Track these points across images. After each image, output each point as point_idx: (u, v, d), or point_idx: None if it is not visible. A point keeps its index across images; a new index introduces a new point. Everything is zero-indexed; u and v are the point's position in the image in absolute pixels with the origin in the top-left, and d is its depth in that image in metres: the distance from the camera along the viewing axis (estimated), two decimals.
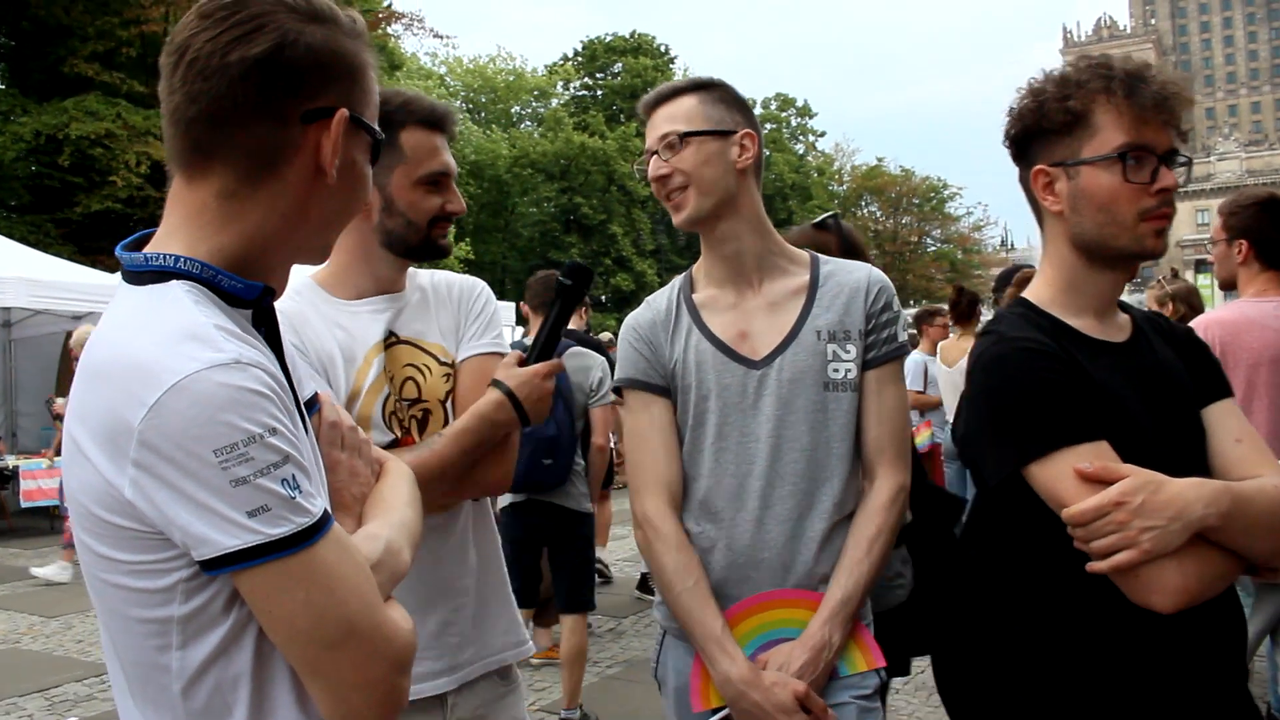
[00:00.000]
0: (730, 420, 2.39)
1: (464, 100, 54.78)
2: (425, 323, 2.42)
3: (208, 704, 1.28)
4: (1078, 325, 1.96)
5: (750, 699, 2.23)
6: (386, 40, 34.98)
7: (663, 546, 2.37)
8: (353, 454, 1.56)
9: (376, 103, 1.47)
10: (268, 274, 1.40)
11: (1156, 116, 1.86)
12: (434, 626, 2.30)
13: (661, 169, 2.40)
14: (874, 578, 2.34)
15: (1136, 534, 1.69)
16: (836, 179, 72.36)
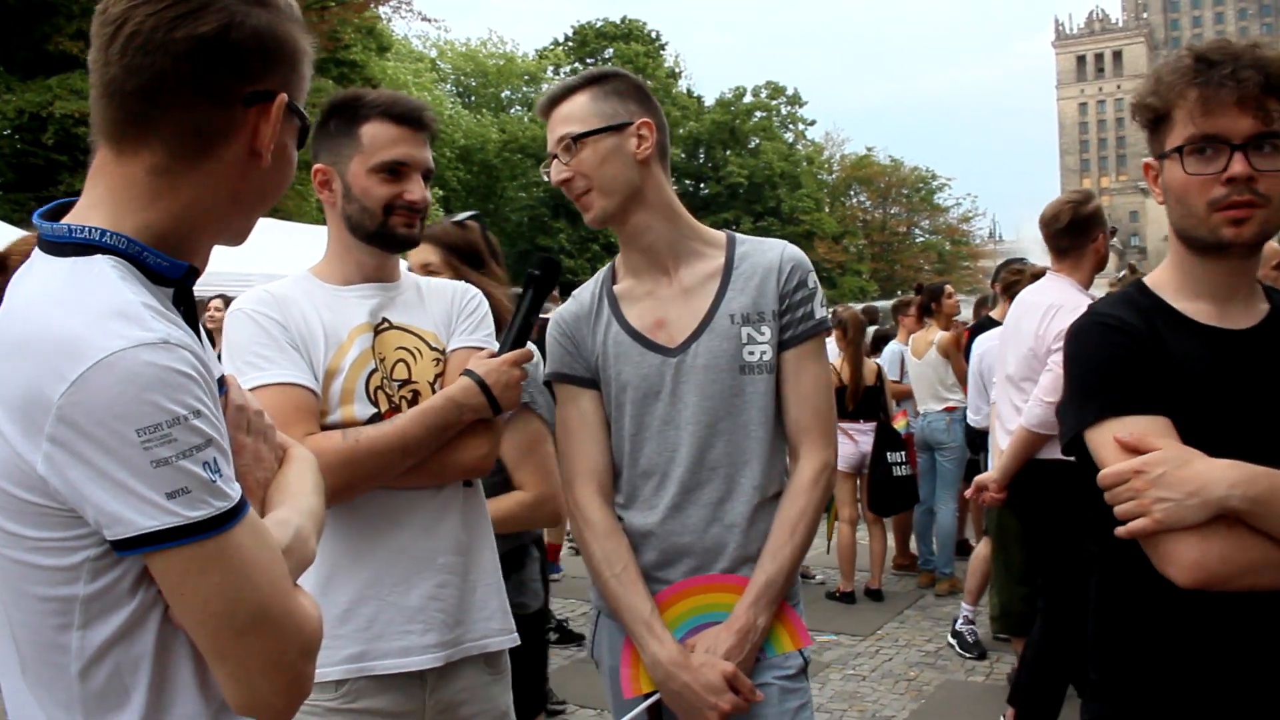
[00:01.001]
0: (649, 409, 2.44)
1: (454, 84, 54.60)
2: (418, 312, 2.52)
3: (105, 686, 1.27)
4: (1184, 308, 1.96)
5: (679, 680, 2.30)
6: (375, 22, 34.75)
7: (591, 534, 2.44)
8: (258, 438, 1.54)
9: (308, 89, 1.46)
10: (192, 253, 1.39)
11: (1231, 103, 1.82)
12: (417, 601, 2.35)
13: (563, 173, 2.42)
14: (798, 558, 2.41)
15: (1150, 503, 1.74)
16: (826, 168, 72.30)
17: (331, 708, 2.30)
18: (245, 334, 2.32)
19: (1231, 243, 1.87)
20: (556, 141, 2.42)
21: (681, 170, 61.27)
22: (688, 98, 64.34)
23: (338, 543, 2.33)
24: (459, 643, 2.40)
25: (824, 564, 9.10)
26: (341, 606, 2.31)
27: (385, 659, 2.32)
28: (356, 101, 2.45)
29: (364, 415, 2.35)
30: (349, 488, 2.25)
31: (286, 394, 2.27)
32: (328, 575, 2.32)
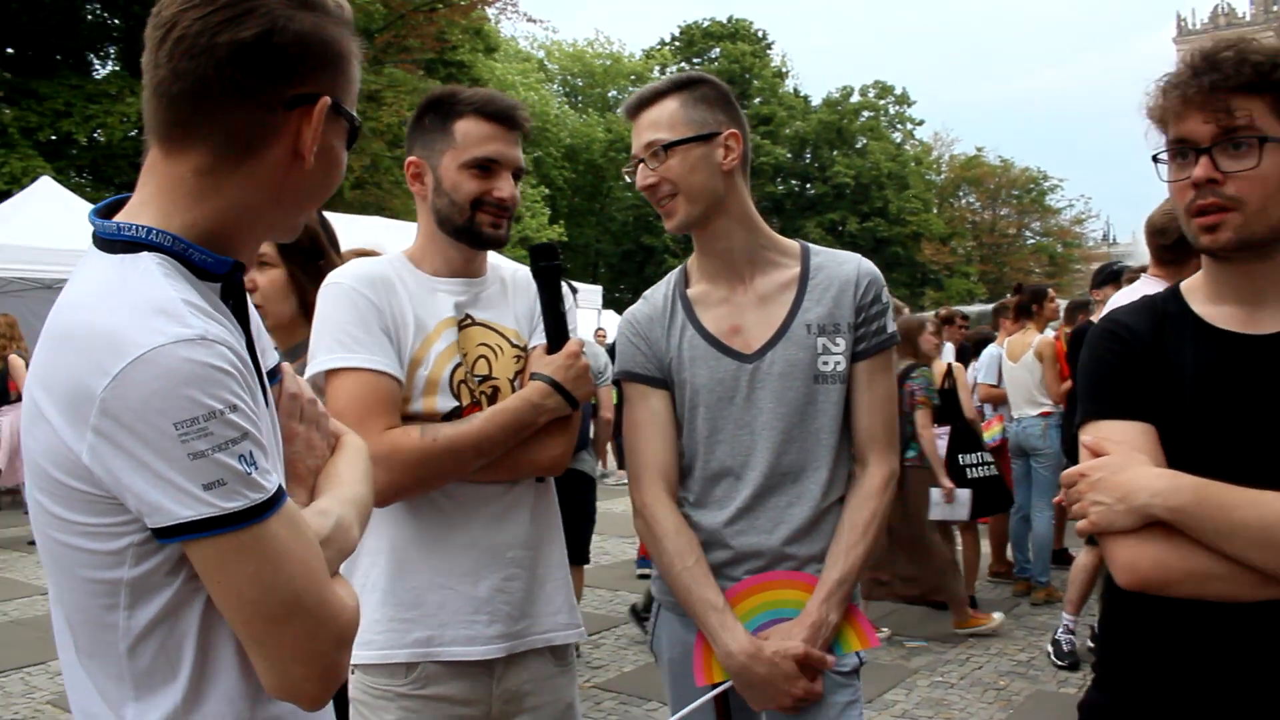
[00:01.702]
0: (723, 413, 2.48)
1: (561, 84, 55.04)
2: (501, 308, 2.57)
3: (152, 664, 1.32)
4: (1206, 313, 1.93)
5: (755, 671, 2.35)
6: (483, 23, 35.20)
7: (661, 531, 2.48)
8: (310, 426, 1.60)
9: (357, 90, 1.50)
10: (238, 249, 1.43)
11: (1193, 106, 1.81)
12: (485, 592, 2.41)
13: (649, 178, 2.44)
14: (867, 561, 2.47)
15: (1088, 506, 1.82)
16: (934, 169, 71.16)
17: (402, 693, 2.37)
18: (340, 310, 2.37)
19: (1208, 249, 1.85)
20: (645, 147, 2.45)
21: (788, 170, 60.91)
22: (794, 97, 63.94)
23: (411, 531, 2.40)
24: (524, 635, 2.46)
25: None
26: (412, 593, 2.38)
27: (451, 646, 2.38)
28: (452, 98, 2.49)
29: (445, 408, 2.40)
30: (424, 483, 2.32)
31: (374, 382, 2.32)
32: (400, 561, 2.39)
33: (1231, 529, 1.70)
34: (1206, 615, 1.81)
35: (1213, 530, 1.71)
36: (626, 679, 6.37)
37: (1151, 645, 1.93)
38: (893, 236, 58.24)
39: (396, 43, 29.62)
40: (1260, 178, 1.77)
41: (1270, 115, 1.77)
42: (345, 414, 2.25)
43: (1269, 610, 1.74)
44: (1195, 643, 1.85)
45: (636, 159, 2.48)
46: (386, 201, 27.74)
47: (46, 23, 24.58)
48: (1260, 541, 1.68)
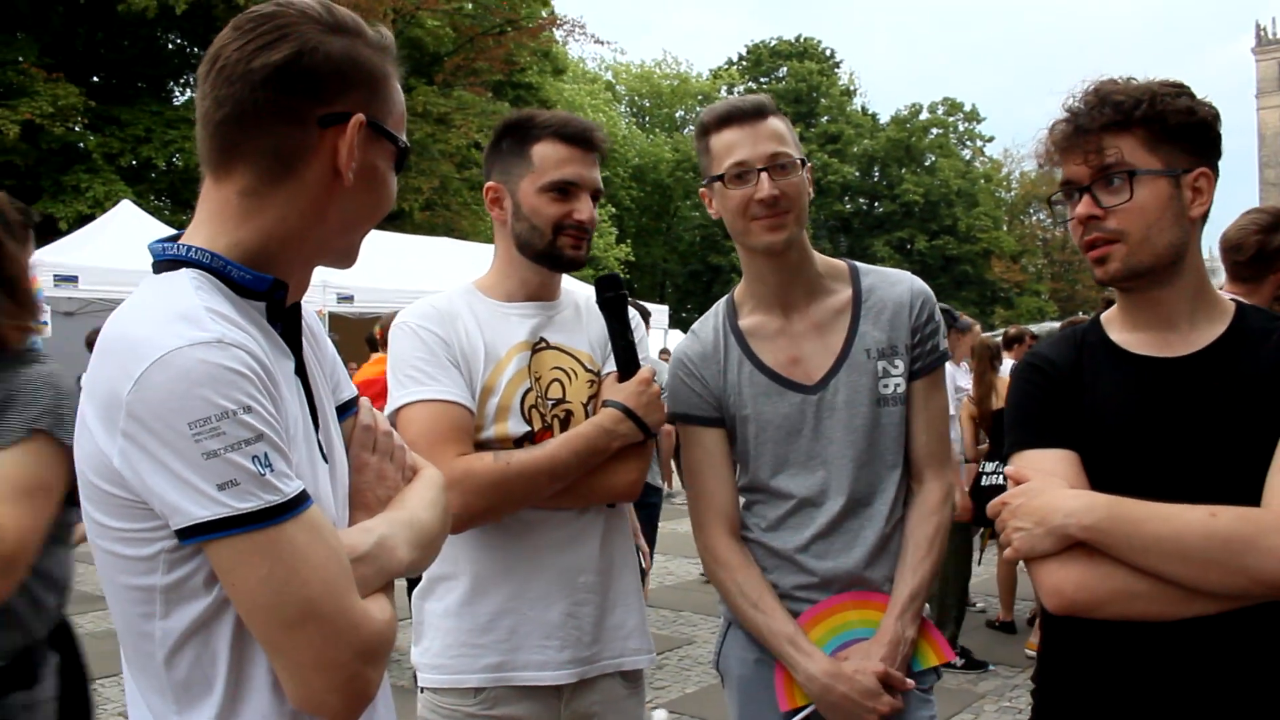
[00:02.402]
0: (792, 445, 2.48)
1: (629, 105, 55.34)
2: (575, 332, 2.58)
3: (189, 676, 1.34)
4: (1121, 339, 2.01)
5: (837, 691, 2.34)
6: (551, 45, 35.51)
7: (726, 572, 2.49)
8: (383, 458, 1.63)
9: (401, 113, 1.54)
10: (286, 270, 1.47)
11: (1071, 149, 1.92)
12: (556, 617, 2.42)
13: (773, 190, 2.37)
14: (934, 574, 2.48)
15: (1010, 533, 1.86)
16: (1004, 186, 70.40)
17: (471, 713, 2.40)
18: (408, 348, 2.41)
19: (1101, 280, 1.94)
20: (770, 157, 2.38)
21: (856, 188, 60.61)
22: (862, 115, 63.68)
23: (485, 555, 2.42)
24: (595, 660, 2.47)
25: (985, 592, 8.87)
26: (485, 617, 2.41)
27: (522, 671, 2.40)
28: (529, 122, 2.50)
29: (517, 433, 2.42)
30: (498, 508, 2.34)
31: (443, 411, 2.35)
32: (473, 586, 2.42)
33: (1144, 543, 1.74)
34: (1137, 637, 1.84)
35: (1126, 545, 1.75)
36: (689, 700, 6.36)
37: (1085, 670, 1.96)
38: (962, 254, 57.68)
39: (466, 66, 30.02)
40: (1137, 209, 1.87)
41: (1141, 150, 1.87)
42: (416, 443, 2.28)
43: (1195, 628, 1.77)
44: (1128, 665, 1.88)
45: (758, 168, 2.37)
46: (455, 223, 28.05)
47: (128, 52, 25.30)
48: (1172, 553, 1.72)
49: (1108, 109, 1.87)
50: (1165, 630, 1.80)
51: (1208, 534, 1.71)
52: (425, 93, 27.56)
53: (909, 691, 2.42)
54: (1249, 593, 1.72)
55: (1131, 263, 1.89)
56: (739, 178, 2.39)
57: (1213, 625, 1.77)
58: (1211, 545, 1.71)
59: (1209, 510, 1.73)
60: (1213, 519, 1.72)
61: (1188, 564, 1.72)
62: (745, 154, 2.39)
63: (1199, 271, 1.95)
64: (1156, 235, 1.87)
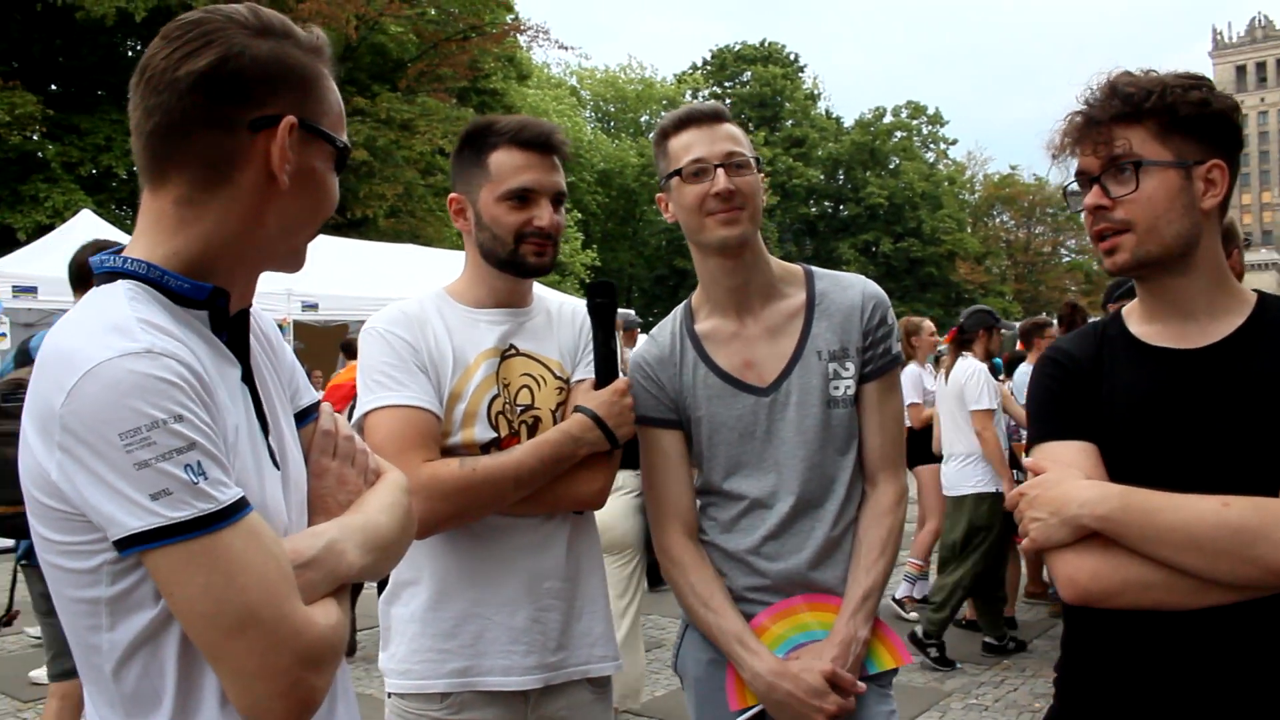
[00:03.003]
0: (745, 448, 2.52)
1: (594, 110, 55.38)
2: (545, 340, 2.58)
3: (137, 688, 1.34)
4: (1141, 332, 2.02)
5: (782, 689, 2.37)
6: (515, 51, 35.50)
7: (680, 571, 2.53)
8: (344, 463, 1.63)
9: (338, 113, 1.53)
10: (227, 278, 1.46)
11: (1082, 140, 1.95)
12: (522, 622, 2.42)
13: (729, 184, 2.42)
14: (888, 575, 2.51)
15: (1028, 523, 1.90)
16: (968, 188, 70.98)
17: (437, 717, 2.40)
18: (376, 353, 2.41)
19: (1110, 270, 1.97)
20: (727, 155, 2.44)
21: (820, 192, 60.92)
22: (826, 119, 64.04)
23: (450, 560, 2.42)
24: (561, 666, 2.47)
25: None
26: (451, 622, 2.41)
27: (488, 676, 2.40)
28: (487, 130, 2.50)
29: (484, 439, 2.42)
30: (463, 514, 2.34)
31: (410, 417, 2.35)
32: (439, 591, 2.42)
33: (1157, 533, 1.76)
34: (1156, 627, 1.85)
35: (1139, 535, 1.77)
36: (658, 703, 6.37)
37: (1107, 660, 1.98)
38: (927, 256, 58.10)
39: (429, 72, 29.97)
40: (1144, 199, 1.88)
41: (1151, 141, 1.88)
42: (382, 448, 2.28)
43: (1211, 618, 1.78)
44: (1148, 655, 1.89)
45: (714, 164, 2.43)
46: (420, 229, 28.00)
47: (87, 59, 25.09)
48: (1184, 544, 1.74)
49: (1117, 100, 1.89)
50: (1182, 620, 1.81)
51: (1219, 524, 1.72)
52: (389, 99, 27.50)
53: (871, 686, 2.44)
54: (1261, 583, 1.72)
55: (1139, 253, 1.90)
56: (696, 174, 2.44)
57: (1228, 615, 1.77)
58: (1222, 535, 1.71)
59: (1221, 500, 1.74)
60: (1225, 509, 1.73)
61: (1199, 554, 1.73)
62: (703, 151, 2.45)
63: (1216, 262, 1.95)
64: (1164, 226, 1.88)
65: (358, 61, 29.16)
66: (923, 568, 8.63)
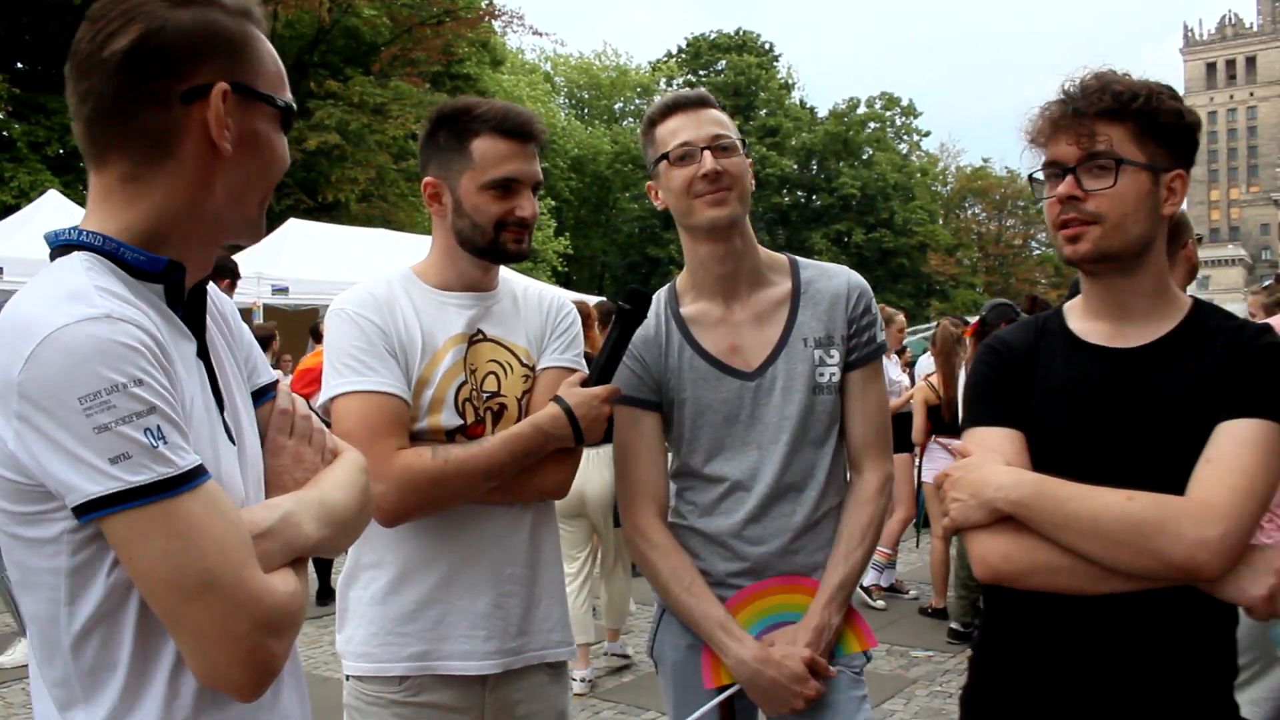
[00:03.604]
0: (729, 431, 2.54)
1: (568, 97, 55.23)
2: (513, 325, 2.57)
3: (94, 661, 1.34)
4: (1080, 328, 2.09)
5: (766, 676, 2.42)
6: (489, 36, 35.34)
7: (657, 554, 2.55)
8: (301, 441, 1.64)
9: (274, 72, 1.51)
10: (182, 250, 1.45)
11: (1061, 130, 1.98)
12: (483, 607, 2.43)
13: (715, 165, 2.45)
14: (866, 564, 2.57)
15: (949, 503, 1.99)
16: (940, 180, 71.35)
17: (394, 699, 2.41)
18: (345, 336, 2.39)
19: (1070, 259, 2.00)
20: (713, 138, 2.47)
21: (794, 181, 61.03)
22: (800, 109, 64.12)
23: (412, 545, 2.42)
24: (520, 652, 2.48)
25: (918, 579, 9.01)
26: (411, 606, 2.41)
27: (447, 660, 2.41)
28: (466, 114, 2.46)
29: (450, 425, 2.42)
30: (435, 504, 2.34)
31: (380, 403, 2.34)
32: (400, 575, 2.42)
33: (1064, 520, 1.85)
34: (1063, 611, 1.94)
35: (1049, 522, 1.86)
36: (624, 689, 6.38)
37: (1018, 642, 2.07)
38: (898, 247, 58.34)
39: (403, 56, 29.81)
40: (1118, 196, 1.93)
41: (1129, 142, 1.94)
42: (354, 436, 2.27)
43: (1114, 605, 1.87)
44: (1054, 638, 1.99)
45: (698, 146, 2.47)
46: (392, 214, 27.87)
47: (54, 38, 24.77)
48: (1088, 532, 1.83)
49: (1108, 97, 1.94)
50: (1086, 605, 1.89)
51: (1122, 516, 1.80)
52: (362, 83, 27.35)
53: (842, 671, 2.48)
54: (1158, 574, 1.81)
55: (1102, 245, 1.95)
56: (683, 158, 2.47)
57: (1128, 603, 1.86)
58: (1124, 527, 1.80)
59: (1126, 494, 1.82)
60: (1129, 502, 1.81)
61: (1102, 543, 1.82)
62: (689, 135, 2.48)
63: (1161, 267, 2.03)
64: (1131, 224, 1.94)
65: (330, 44, 28.98)
66: (890, 556, 8.70)
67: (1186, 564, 1.77)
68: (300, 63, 28.48)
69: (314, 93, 26.82)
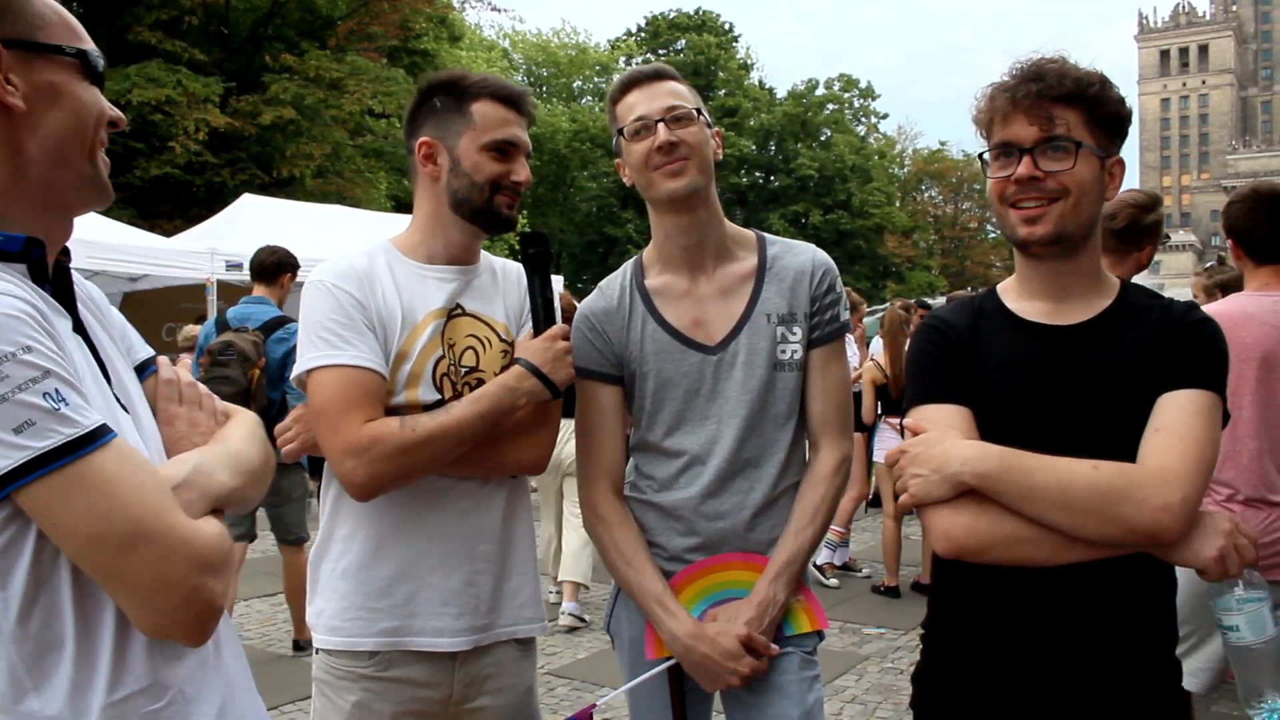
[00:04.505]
0: (689, 404, 2.55)
1: (526, 74, 54.87)
2: (493, 299, 2.57)
3: (40, 639, 1.32)
4: (1019, 308, 2.13)
5: (699, 652, 2.42)
6: (448, 12, 35.00)
7: (604, 527, 2.58)
8: (192, 407, 1.64)
9: (56, 21, 1.45)
10: (29, 223, 1.42)
11: (1021, 112, 1.99)
12: (455, 584, 2.44)
13: (671, 136, 2.47)
14: (817, 542, 2.57)
15: (908, 479, 1.99)
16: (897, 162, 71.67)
17: (364, 674, 2.41)
18: (323, 308, 2.37)
19: (1026, 240, 2.02)
20: (667, 110, 2.49)
21: (752, 162, 61.06)
22: (759, 89, 64.11)
23: (384, 520, 2.42)
24: (490, 628, 2.48)
25: (871, 558, 9.11)
26: (384, 581, 2.41)
27: (418, 636, 2.41)
28: (464, 80, 2.50)
29: (428, 400, 2.41)
30: (405, 474, 2.32)
31: (355, 377, 2.32)
32: (372, 550, 2.42)
33: (1032, 492, 1.88)
34: (1020, 582, 1.98)
35: (1015, 494, 1.89)
36: (580, 665, 6.43)
37: (968, 614, 2.11)
38: (855, 229, 58.56)
39: (359, 30, 29.41)
40: (1077, 178, 1.98)
41: (1081, 126, 1.99)
42: (326, 409, 2.29)
43: (1073, 574, 1.92)
44: (1005, 609, 2.03)
45: (652, 119, 2.49)
46: (348, 190, 27.56)
47: None
48: (1056, 502, 1.86)
49: (1069, 81, 1.98)
50: (1036, 576, 1.95)
51: (1089, 485, 1.85)
52: (317, 57, 26.98)
53: (792, 650, 2.49)
54: (1121, 541, 1.87)
55: (1060, 225, 1.99)
56: (639, 132, 2.50)
57: (1078, 574, 1.91)
58: (1092, 496, 1.85)
59: (1092, 464, 1.87)
60: (1095, 471, 1.86)
61: (1070, 512, 1.86)
62: (644, 109, 2.51)
63: (1097, 249, 2.09)
64: (1085, 207, 2.00)
65: (286, 17, 28.57)
66: (844, 534, 8.78)
67: (1151, 528, 1.83)
68: (255, 36, 28.12)
69: (269, 67, 26.46)
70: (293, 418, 2.58)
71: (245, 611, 7.73)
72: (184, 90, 23.61)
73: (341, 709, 2.42)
